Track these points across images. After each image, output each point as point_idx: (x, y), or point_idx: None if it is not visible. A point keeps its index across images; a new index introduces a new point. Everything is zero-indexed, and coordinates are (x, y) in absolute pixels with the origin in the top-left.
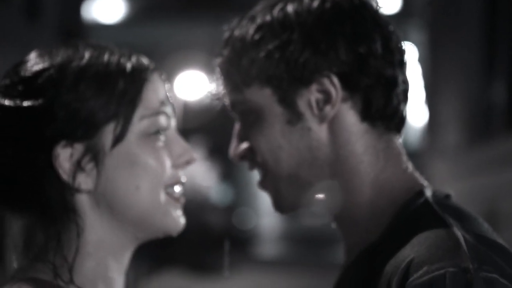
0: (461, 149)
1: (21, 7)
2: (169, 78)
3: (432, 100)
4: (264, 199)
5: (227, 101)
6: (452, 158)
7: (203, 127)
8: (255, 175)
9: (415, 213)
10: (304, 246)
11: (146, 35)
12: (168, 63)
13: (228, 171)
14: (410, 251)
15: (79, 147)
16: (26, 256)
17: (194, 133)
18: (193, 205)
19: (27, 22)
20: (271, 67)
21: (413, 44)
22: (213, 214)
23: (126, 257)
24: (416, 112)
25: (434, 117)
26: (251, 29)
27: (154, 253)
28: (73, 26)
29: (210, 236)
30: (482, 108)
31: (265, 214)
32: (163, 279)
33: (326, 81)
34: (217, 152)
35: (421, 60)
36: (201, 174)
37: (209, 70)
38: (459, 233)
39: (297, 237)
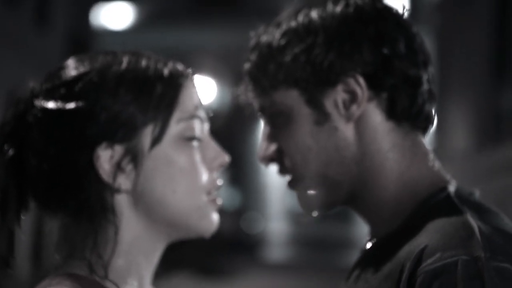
0: (469, 154)
1: (30, 13)
2: None
3: (440, 105)
4: (272, 203)
5: (255, 105)
6: (460, 163)
7: (212, 132)
8: (263, 180)
9: (435, 206)
10: (312, 250)
11: (154, 41)
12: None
13: (236, 176)
14: (425, 238)
15: (119, 149)
16: (61, 253)
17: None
18: None
19: (36, 28)
20: (297, 70)
21: None
22: (221, 218)
23: (156, 256)
24: None
25: (442, 122)
26: (277, 35)
27: (163, 256)
28: (81, 32)
29: (218, 240)
30: (491, 113)
31: (273, 218)
32: (172, 282)
33: (351, 81)
34: (225, 153)
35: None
36: None
37: (217, 75)
38: (474, 223)
39: (305, 241)
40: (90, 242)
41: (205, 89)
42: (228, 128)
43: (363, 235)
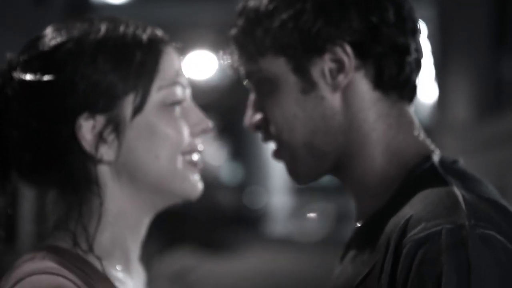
0: (470, 124)
1: None
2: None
3: (441, 76)
4: (275, 178)
5: (242, 71)
6: (461, 134)
7: (212, 107)
8: (266, 154)
9: (420, 176)
10: (314, 224)
11: (153, 15)
12: (176, 43)
13: (238, 150)
14: (410, 209)
15: (100, 119)
16: (46, 225)
17: (203, 112)
18: (203, 184)
19: (33, 3)
20: (285, 36)
21: (422, 20)
22: (224, 193)
23: (143, 228)
24: (426, 88)
25: (443, 93)
26: (265, 0)
27: (165, 232)
28: (80, 7)
29: (221, 215)
30: (492, 84)
31: (275, 193)
32: (175, 257)
33: (339, 50)
34: (227, 131)
35: (430, 36)
36: (211, 153)
37: (217, 49)
38: (458, 191)
39: (307, 215)
40: (75, 214)
41: (206, 63)
42: (229, 102)
43: None
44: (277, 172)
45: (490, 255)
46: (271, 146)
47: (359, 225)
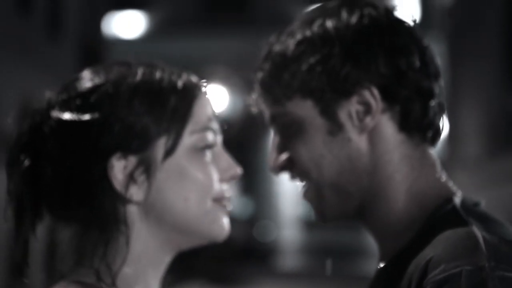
0: (481, 160)
1: (42, 22)
2: None
3: (452, 111)
4: (285, 212)
5: (266, 114)
6: (472, 169)
7: (224, 141)
8: (276, 188)
9: (441, 218)
10: (325, 258)
11: (166, 50)
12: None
13: (249, 184)
14: (431, 250)
15: (132, 159)
16: (70, 261)
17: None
18: None
19: (48, 37)
20: (313, 80)
21: None
22: (234, 227)
23: (164, 265)
24: None
25: (455, 129)
26: (291, 44)
27: (176, 265)
28: (94, 41)
29: (231, 249)
30: (502, 119)
31: (285, 227)
32: None
33: (366, 93)
34: (238, 165)
35: (441, 71)
36: None
37: (228, 83)
38: (479, 233)
39: (318, 250)
40: (100, 252)
41: (217, 98)
42: (240, 136)
43: (374, 244)
44: (287, 206)
45: None
46: (298, 185)
47: (381, 265)
